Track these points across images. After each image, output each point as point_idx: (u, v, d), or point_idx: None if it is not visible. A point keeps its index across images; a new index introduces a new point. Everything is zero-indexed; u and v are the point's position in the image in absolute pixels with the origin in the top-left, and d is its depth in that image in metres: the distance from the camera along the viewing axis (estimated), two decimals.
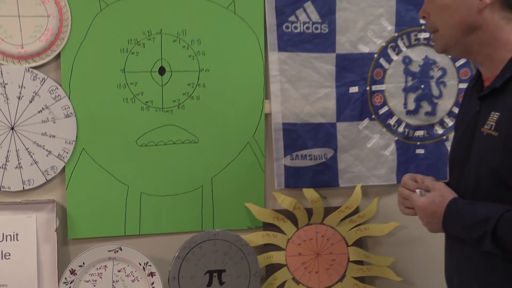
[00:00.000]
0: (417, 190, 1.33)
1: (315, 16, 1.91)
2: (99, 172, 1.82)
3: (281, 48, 1.91)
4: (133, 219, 1.87)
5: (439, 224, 1.28)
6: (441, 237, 2.04)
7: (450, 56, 1.98)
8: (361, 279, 2.02)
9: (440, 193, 1.29)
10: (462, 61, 2.00)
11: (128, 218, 1.87)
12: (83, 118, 1.79)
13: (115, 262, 1.79)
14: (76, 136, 1.78)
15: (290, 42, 1.91)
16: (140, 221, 1.88)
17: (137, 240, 1.88)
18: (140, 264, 1.80)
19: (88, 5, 1.75)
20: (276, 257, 1.96)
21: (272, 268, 1.96)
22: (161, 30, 1.82)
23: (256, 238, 1.95)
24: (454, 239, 1.33)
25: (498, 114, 1.22)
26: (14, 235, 1.75)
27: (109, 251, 1.78)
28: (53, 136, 1.77)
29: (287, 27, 1.90)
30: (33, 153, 1.76)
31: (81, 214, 1.82)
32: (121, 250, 1.79)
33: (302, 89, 1.94)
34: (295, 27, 1.90)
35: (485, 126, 1.25)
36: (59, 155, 1.77)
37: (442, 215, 1.27)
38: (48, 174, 1.77)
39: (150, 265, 1.80)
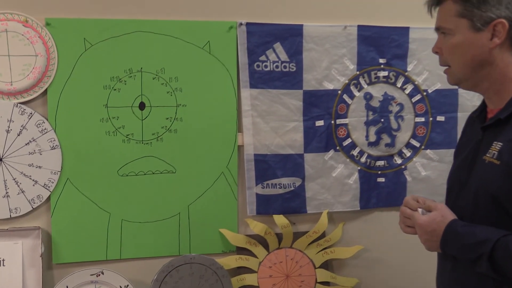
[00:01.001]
0: (419, 209, 1.33)
1: (283, 56, 1.97)
2: (83, 200, 1.84)
3: (253, 85, 1.95)
4: (114, 244, 1.88)
5: (437, 242, 1.28)
6: (401, 258, 2.14)
7: (407, 93, 2.07)
8: None
9: (441, 213, 1.29)
10: (418, 97, 2.08)
11: (110, 243, 1.88)
12: (68, 150, 1.81)
13: (97, 286, 1.82)
14: (61, 167, 1.81)
15: (260, 80, 1.95)
16: (121, 246, 1.89)
17: (118, 264, 1.90)
18: (121, 287, 1.82)
19: (73, 46, 1.79)
20: (249, 279, 1.99)
21: None
22: (141, 68, 1.86)
23: (230, 261, 1.97)
24: (448, 257, 1.34)
25: (501, 144, 1.23)
26: (0, 261, 1.76)
27: (91, 275, 1.81)
28: (40, 167, 1.79)
29: (258, 66, 1.95)
30: (20, 183, 1.78)
31: (65, 240, 1.83)
32: (102, 274, 1.82)
33: (272, 122, 1.98)
34: (265, 66, 1.95)
35: (487, 155, 1.26)
36: (45, 184, 1.80)
37: (441, 234, 1.27)
38: (34, 203, 1.79)
39: None
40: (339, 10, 2.04)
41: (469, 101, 2.12)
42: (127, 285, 1.84)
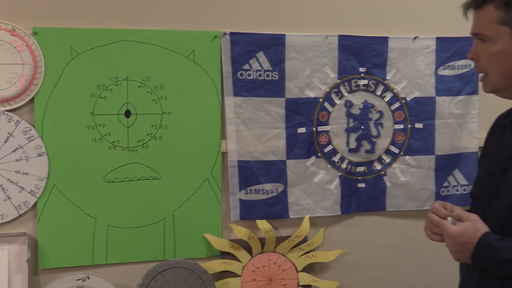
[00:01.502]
0: (449, 218, 1.27)
1: (266, 65, 1.99)
2: (69, 206, 1.85)
3: (236, 93, 1.97)
4: (100, 250, 1.89)
5: (468, 254, 1.22)
6: (381, 261, 2.17)
7: (386, 100, 2.11)
8: None
9: (473, 225, 1.22)
10: (397, 104, 2.12)
11: (96, 248, 1.89)
12: (55, 157, 1.82)
13: None
14: (48, 174, 1.82)
15: (244, 88, 1.97)
16: (107, 251, 1.90)
17: (104, 269, 1.90)
18: None
19: (60, 54, 1.80)
20: (233, 283, 1.99)
21: None
22: (127, 76, 1.88)
23: (214, 265, 1.98)
24: (476, 268, 1.26)
25: None
26: None
27: (77, 280, 1.82)
28: (26, 174, 1.80)
29: (241, 75, 1.97)
30: (7, 190, 1.79)
31: (51, 246, 1.84)
32: (88, 278, 1.83)
33: (255, 130, 2.00)
34: (249, 75, 1.98)
35: None
36: (31, 191, 1.80)
37: (473, 247, 1.20)
38: (20, 209, 1.80)
39: None
40: (321, 20, 2.07)
41: (446, 108, 2.16)
42: None
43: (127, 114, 1.90)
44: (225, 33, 1.94)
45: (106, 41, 1.85)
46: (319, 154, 2.08)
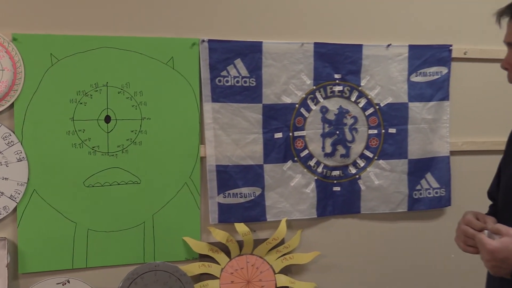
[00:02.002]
0: (486, 231, 1.22)
1: (244, 72, 2.01)
2: (49, 211, 1.85)
3: (214, 99, 1.99)
4: (80, 253, 1.90)
5: (507, 270, 1.17)
6: (357, 263, 2.21)
7: (360, 106, 2.14)
8: None
9: None
10: (371, 110, 2.15)
11: (76, 252, 1.89)
12: (35, 162, 1.83)
13: None
14: (28, 179, 1.82)
15: (222, 94, 1.99)
16: (87, 255, 1.91)
17: (84, 273, 1.91)
18: None
19: (40, 60, 1.81)
20: (211, 285, 2.01)
21: None
22: (107, 83, 1.89)
23: (193, 268, 2.00)
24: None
25: None
26: None
27: (57, 283, 1.83)
28: (6, 179, 1.81)
29: (219, 81, 1.99)
30: None
31: (31, 250, 1.84)
32: (68, 282, 1.84)
33: (233, 135, 2.03)
34: (227, 81, 2.00)
35: None
36: (11, 196, 1.81)
37: None
38: (0, 214, 1.80)
39: None
40: (297, 28, 2.10)
41: (419, 114, 2.21)
42: None
43: (107, 119, 1.91)
44: (203, 40, 1.97)
45: (86, 48, 1.86)
46: (295, 159, 2.11)
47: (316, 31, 2.12)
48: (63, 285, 1.84)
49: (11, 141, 1.81)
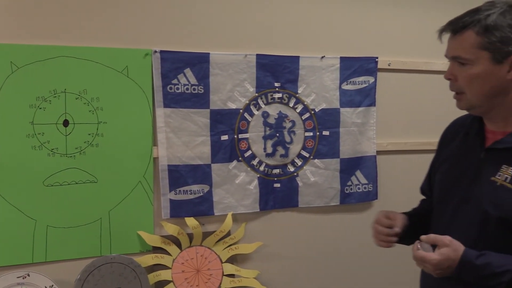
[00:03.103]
0: (419, 245, 1.25)
1: (193, 80, 2.09)
2: (9, 209, 1.89)
3: (166, 104, 2.06)
4: (40, 248, 1.93)
5: (451, 273, 1.21)
6: (295, 251, 2.32)
7: (298, 111, 2.25)
8: None
9: (452, 248, 1.20)
10: (307, 115, 2.27)
11: (36, 247, 1.93)
12: None
13: (24, 287, 1.86)
14: None
15: (173, 100, 2.06)
16: (47, 249, 1.94)
17: (44, 266, 1.94)
18: (46, 287, 1.88)
19: (0, 68, 1.84)
20: (164, 275, 2.07)
21: (161, 284, 2.07)
22: (65, 89, 1.94)
23: (147, 259, 2.05)
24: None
25: None
26: None
27: (17, 277, 1.86)
28: None
29: (170, 88, 2.06)
30: None
31: None
32: (29, 276, 1.87)
33: (183, 137, 2.10)
34: (177, 88, 2.07)
35: (497, 177, 1.23)
36: None
37: (456, 267, 1.20)
38: None
39: None
40: (241, 40, 2.20)
41: (349, 118, 2.36)
42: (52, 285, 1.90)
43: (65, 123, 1.95)
44: (155, 51, 2.04)
45: (45, 57, 1.91)
46: (240, 159, 2.21)
47: (258, 44, 2.22)
48: (23, 278, 1.86)
49: None
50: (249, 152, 2.24)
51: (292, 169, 2.31)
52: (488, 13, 1.21)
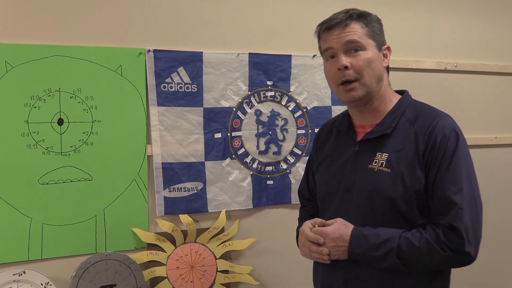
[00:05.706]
0: (315, 227, 1.39)
1: (186, 79, 2.11)
2: (5, 207, 1.90)
3: (160, 103, 2.07)
4: (35, 246, 1.94)
5: (344, 247, 1.33)
6: (288, 247, 2.30)
7: (290, 109, 2.27)
8: (227, 285, 2.18)
9: (343, 222, 1.36)
10: (299, 113, 2.28)
11: (31, 245, 1.93)
12: None
13: (19, 284, 1.87)
14: None
15: (167, 99, 2.08)
16: (42, 247, 1.95)
17: (39, 264, 1.94)
18: (42, 284, 1.88)
19: None
20: (159, 271, 2.08)
21: (155, 281, 2.08)
22: (59, 88, 1.95)
23: (142, 256, 2.06)
24: (338, 266, 1.37)
25: (386, 154, 1.33)
26: None
27: (13, 274, 1.86)
28: None
29: (164, 87, 2.07)
30: None
31: None
32: (24, 273, 1.87)
33: (177, 135, 2.11)
34: (171, 87, 2.09)
35: (374, 164, 1.35)
36: None
37: (348, 239, 1.32)
38: None
39: (51, 285, 1.89)
40: (233, 40, 2.21)
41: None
42: (48, 282, 1.90)
43: (60, 122, 1.96)
44: (149, 50, 2.06)
45: (39, 56, 1.92)
46: (233, 156, 2.22)
47: (251, 43, 2.25)
48: (19, 275, 1.86)
49: None
50: (242, 150, 2.25)
51: (284, 166, 2.33)
52: (359, 12, 1.39)
